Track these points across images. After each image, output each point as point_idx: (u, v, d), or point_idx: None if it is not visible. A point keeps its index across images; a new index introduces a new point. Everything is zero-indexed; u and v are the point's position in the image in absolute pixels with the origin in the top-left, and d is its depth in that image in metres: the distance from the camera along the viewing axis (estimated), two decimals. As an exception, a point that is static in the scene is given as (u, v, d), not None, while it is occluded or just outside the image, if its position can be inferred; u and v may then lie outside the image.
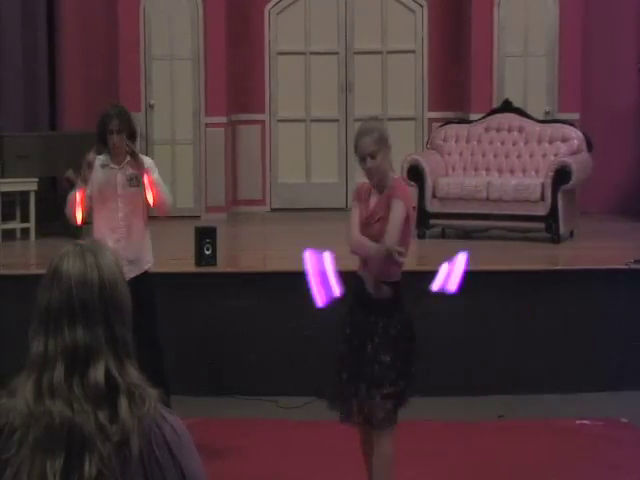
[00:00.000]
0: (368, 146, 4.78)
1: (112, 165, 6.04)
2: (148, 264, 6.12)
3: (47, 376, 1.94)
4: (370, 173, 4.82)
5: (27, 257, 8.91)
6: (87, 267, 1.99)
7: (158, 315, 6.09)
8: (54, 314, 1.97)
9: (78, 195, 5.90)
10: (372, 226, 4.82)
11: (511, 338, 7.33)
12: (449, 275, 4.77)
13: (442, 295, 4.93)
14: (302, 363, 7.27)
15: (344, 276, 4.85)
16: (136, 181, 6.01)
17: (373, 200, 4.88)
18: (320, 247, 4.75)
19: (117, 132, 5.96)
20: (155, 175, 6.03)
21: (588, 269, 7.54)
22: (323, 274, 4.78)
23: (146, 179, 5.97)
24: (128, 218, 6.02)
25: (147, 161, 6.16)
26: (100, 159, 6.04)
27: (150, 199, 5.97)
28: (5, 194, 9.18)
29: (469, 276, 4.90)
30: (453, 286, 4.76)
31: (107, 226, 6.01)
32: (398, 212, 4.73)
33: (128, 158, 6.02)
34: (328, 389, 4.99)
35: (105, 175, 6.02)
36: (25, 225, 9.25)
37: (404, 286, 4.92)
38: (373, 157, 4.78)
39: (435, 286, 4.78)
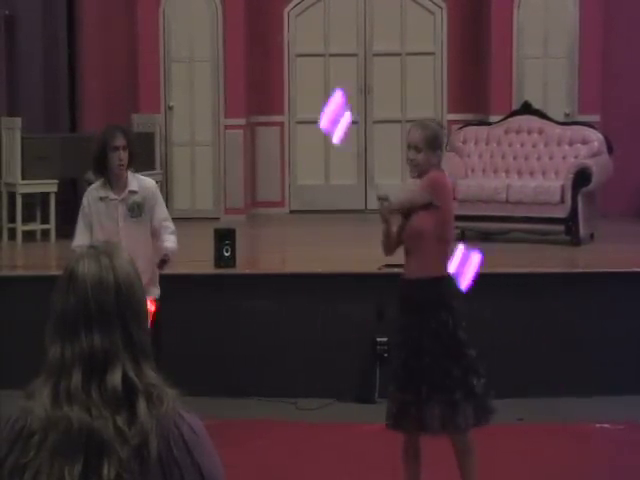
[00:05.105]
0: (415, 138, 4.82)
1: (112, 196, 5.72)
2: (152, 296, 5.66)
3: (64, 382, 1.93)
4: (410, 164, 4.83)
5: (47, 258, 8.94)
6: (102, 270, 1.98)
7: (163, 344, 5.61)
8: (70, 319, 1.96)
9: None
10: (410, 218, 4.83)
11: (531, 340, 7.30)
12: (461, 272, 4.76)
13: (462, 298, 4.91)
14: (321, 365, 7.26)
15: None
16: (138, 211, 5.70)
17: None
18: (339, 250, 4.72)
19: (123, 149, 5.64)
20: (160, 212, 5.78)
21: (608, 272, 7.50)
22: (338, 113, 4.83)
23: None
24: (131, 250, 5.64)
25: (149, 184, 5.83)
26: (98, 190, 5.75)
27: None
28: (25, 195, 9.22)
29: (488, 278, 4.89)
30: (464, 285, 4.74)
31: None
32: (420, 193, 4.76)
33: (129, 186, 5.71)
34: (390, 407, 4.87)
35: (105, 208, 5.71)
36: (45, 226, 9.28)
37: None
38: (417, 151, 4.80)
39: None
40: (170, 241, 5.79)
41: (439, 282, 4.81)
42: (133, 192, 5.75)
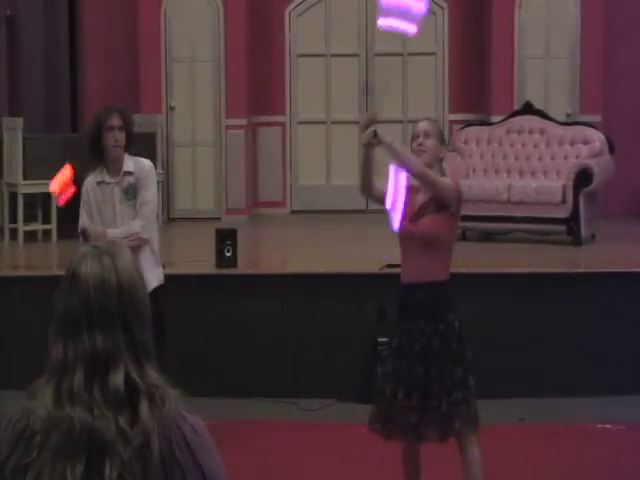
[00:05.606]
0: (425, 126, 4.80)
1: (108, 180, 5.59)
2: (152, 284, 5.37)
3: (67, 382, 1.94)
4: (418, 150, 4.73)
5: (49, 258, 8.94)
6: (105, 270, 1.98)
7: (167, 334, 5.41)
8: (73, 320, 1.96)
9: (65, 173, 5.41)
10: (417, 222, 4.72)
11: (532, 340, 7.30)
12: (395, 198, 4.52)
13: (462, 297, 4.90)
14: (322, 365, 7.26)
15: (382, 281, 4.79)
16: (133, 193, 5.54)
17: (420, 196, 4.79)
18: (340, 250, 4.66)
19: (119, 129, 5.47)
20: (143, 194, 5.52)
21: (609, 272, 7.51)
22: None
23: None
24: None
25: (145, 165, 5.62)
26: (95, 176, 5.63)
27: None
28: (27, 196, 9.23)
29: (490, 278, 4.88)
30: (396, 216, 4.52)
31: None
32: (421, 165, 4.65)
33: (124, 167, 5.54)
34: (375, 409, 4.81)
35: (101, 192, 5.60)
36: (47, 227, 9.28)
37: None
38: (427, 137, 4.76)
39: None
40: (126, 226, 5.53)
41: (445, 285, 4.79)
42: (128, 173, 5.57)
